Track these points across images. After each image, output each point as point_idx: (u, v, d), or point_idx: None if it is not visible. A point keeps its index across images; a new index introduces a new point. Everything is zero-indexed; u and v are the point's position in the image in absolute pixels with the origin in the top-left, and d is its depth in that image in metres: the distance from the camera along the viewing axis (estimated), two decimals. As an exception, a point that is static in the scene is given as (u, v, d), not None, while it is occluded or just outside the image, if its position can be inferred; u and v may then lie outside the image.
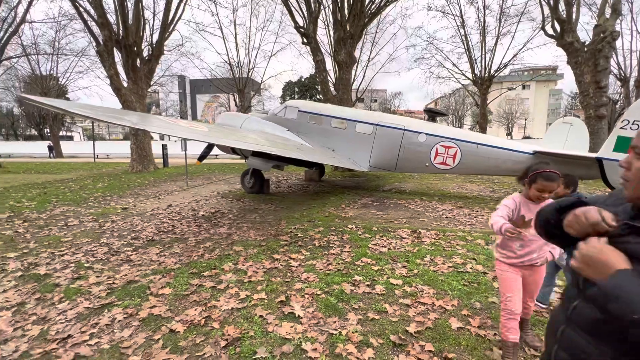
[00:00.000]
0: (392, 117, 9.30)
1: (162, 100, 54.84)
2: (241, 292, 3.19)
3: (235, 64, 24.55)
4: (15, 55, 22.06)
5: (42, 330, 2.60)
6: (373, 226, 5.58)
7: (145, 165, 15.03)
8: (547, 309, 2.87)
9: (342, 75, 14.03)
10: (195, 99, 65.64)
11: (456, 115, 56.56)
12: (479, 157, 7.70)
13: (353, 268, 3.79)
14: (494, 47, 21.11)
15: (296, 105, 9.55)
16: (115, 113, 4.38)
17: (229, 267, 3.80)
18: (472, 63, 21.52)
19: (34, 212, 6.65)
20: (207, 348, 2.36)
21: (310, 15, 13.98)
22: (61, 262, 4.03)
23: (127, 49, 14.20)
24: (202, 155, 9.56)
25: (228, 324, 2.65)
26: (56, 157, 29.01)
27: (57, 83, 30.33)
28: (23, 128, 53.68)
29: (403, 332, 2.55)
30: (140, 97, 15.04)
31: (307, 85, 47.02)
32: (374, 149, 8.58)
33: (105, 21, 13.55)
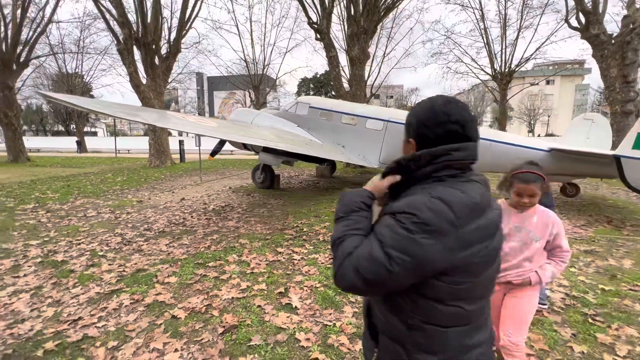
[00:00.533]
0: (403, 113, 9.18)
1: (180, 97, 56.16)
2: (242, 283, 3.29)
3: (250, 61, 24.84)
4: (44, 54, 23.09)
5: (56, 312, 2.78)
6: (379, 222, 5.57)
7: (163, 160, 15.49)
8: (548, 309, 2.81)
9: (355, 71, 13.94)
10: (212, 96, 66.88)
11: (474, 112, 55.17)
12: (492, 154, 7.49)
13: (354, 263, 3.82)
14: (515, 40, 20.38)
15: (307, 101, 9.59)
16: (126, 109, 4.56)
17: (233, 259, 3.91)
18: (491, 58, 20.86)
19: (57, 204, 7.02)
20: (205, 334, 2.46)
21: (323, 10, 13.94)
22: (77, 250, 4.26)
23: (146, 47, 14.62)
24: (215, 150, 9.77)
25: (227, 312, 2.75)
26: (82, 153, 30.30)
27: (82, 81, 31.64)
28: (51, 124, 56.31)
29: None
30: (159, 93, 15.48)
31: (322, 81, 46.96)
32: (384, 145, 8.51)
33: (126, 20, 13.99)
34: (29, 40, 17.59)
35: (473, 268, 0.85)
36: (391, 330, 0.94)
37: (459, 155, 0.89)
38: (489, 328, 1.00)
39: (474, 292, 0.89)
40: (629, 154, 5.27)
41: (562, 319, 2.68)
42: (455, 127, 0.91)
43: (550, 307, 2.85)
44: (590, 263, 3.85)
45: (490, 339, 1.00)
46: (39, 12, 18.32)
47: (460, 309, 0.87)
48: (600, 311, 2.78)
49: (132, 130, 70.43)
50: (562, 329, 2.54)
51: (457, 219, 0.80)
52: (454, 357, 0.89)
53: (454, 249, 0.81)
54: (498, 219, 0.95)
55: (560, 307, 2.85)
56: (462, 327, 0.89)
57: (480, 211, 0.86)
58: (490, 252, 0.89)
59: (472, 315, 0.90)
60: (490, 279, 0.94)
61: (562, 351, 2.28)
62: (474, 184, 0.90)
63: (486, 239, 0.87)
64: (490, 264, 0.91)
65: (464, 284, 0.85)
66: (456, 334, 0.89)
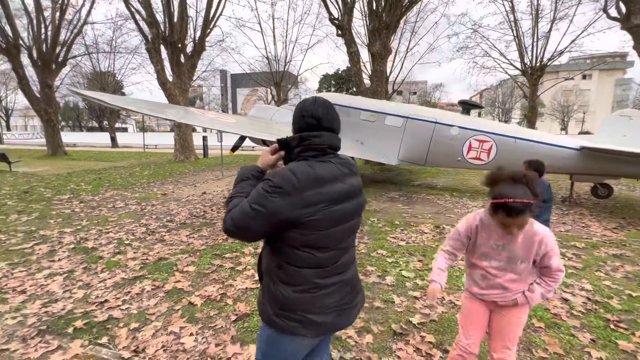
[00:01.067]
0: (424, 109, 9.00)
1: (205, 94, 57.69)
2: (256, 274, 3.38)
3: (272, 58, 25.10)
4: (79, 54, 24.44)
5: (85, 294, 3.00)
6: (396, 220, 5.53)
7: (187, 155, 16.06)
8: (567, 313, 2.71)
9: (376, 67, 13.77)
10: (235, 93, 68.16)
11: (502, 109, 52.85)
12: (517, 152, 7.20)
13: (367, 259, 3.83)
14: (548, 33, 19.30)
15: (325, 98, 9.61)
16: (150, 106, 4.78)
17: (249, 251, 4.03)
18: (521, 51, 19.87)
19: (89, 195, 7.48)
20: (219, 321, 2.58)
21: (345, 6, 13.85)
22: (106, 238, 4.55)
23: (173, 46, 15.15)
24: (235, 146, 10.00)
25: (240, 301, 2.86)
26: (113, 147, 31.93)
27: (114, 79, 33.26)
28: (86, 120, 59.56)
29: (406, 322, 2.57)
30: (184, 91, 16.02)
31: (343, 77, 46.66)
32: (403, 142, 8.40)
33: (154, 20, 14.55)
34: (67, 41, 18.70)
35: (315, 223, 1.14)
36: (268, 269, 1.27)
37: (316, 140, 1.20)
38: (351, 280, 1.32)
39: (322, 243, 1.19)
40: (668, 153, 4.92)
41: (581, 323, 2.57)
42: (312, 121, 1.22)
43: (569, 310, 2.75)
44: (618, 267, 3.65)
45: (352, 290, 1.32)
46: (76, 14, 19.42)
47: (311, 255, 1.18)
48: (624, 317, 2.65)
49: (159, 126, 73.16)
50: (581, 333, 2.44)
51: (299, 184, 1.11)
52: (305, 290, 1.21)
53: (295, 205, 1.11)
54: (350, 190, 1.25)
55: (581, 312, 2.73)
56: (313, 269, 1.20)
57: (322, 182, 1.16)
58: (333, 213, 1.18)
59: (323, 261, 1.21)
60: (339, 236, 1.23)
61: (579, 356, 2.20)
62: (327, 164, 1.21)
63: (327, 202, 1.16)
64: (336, 223, 1.20)
65: (310, 236, 1.15)
66: (308, 273, 1.20)
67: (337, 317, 1.25)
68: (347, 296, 1.29)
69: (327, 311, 1.23)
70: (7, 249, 4.12)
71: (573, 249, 4.23)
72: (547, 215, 2.95)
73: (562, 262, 1.54)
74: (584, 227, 5.33)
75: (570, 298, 2.94)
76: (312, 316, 1.20)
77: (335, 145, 1.25)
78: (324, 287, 1.22)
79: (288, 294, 1.20)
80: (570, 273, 3.49)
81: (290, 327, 1.20)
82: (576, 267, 3.66)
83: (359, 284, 1.40)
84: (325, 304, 1.22)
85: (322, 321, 1.22)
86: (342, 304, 1.27)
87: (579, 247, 4.32)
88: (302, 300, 1.20)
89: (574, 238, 4.69)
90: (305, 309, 1.20)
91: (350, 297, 1.30)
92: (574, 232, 5.04)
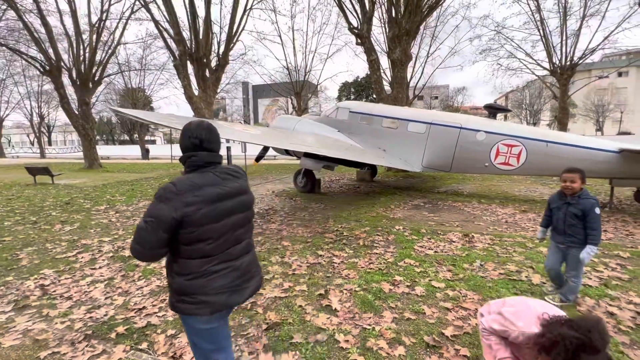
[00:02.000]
0: (448, 114, 8.86)
1: (227, 105, 59.54)
2: (285, 283, 3.44)
3: (293, 68, 25.62)
4: (113, 73, 26.07)
5: (125, 301, 3.16)
6: (422, 228, 5.43)
7: (212, 165, 16.58)
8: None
9: (396, 74, 13.71)
10: (257, 104, 69.90)
11: (530, 111, 50.77)
12: (548, 157, 6.91)
13: (394, 268, 3.79)
14: (578, 30, 18.48)
15: (347, 106, 9.67)
16: (179, 120, 5.02)
17: (276, 260, 4.09)
18: (549, 51, 19.13)
19: (124, 205, 7.89)
20: (250, 329, 2.63)
21: (364, 15, 13.96)
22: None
23: (198, 61, 15.84)
24: (259, 156, 10.25)
25: (270, 310, 2.90)
26: (144, 159, 33.55)
27: (144, 94, 35.14)
28: (118, 134, 63.06)
29: (438, 334, 2.51)
30: (209, 104, 16.64)
31: (362, 85, 46.73)
32: (427, 148, 8.27)
33: (181, 38, 15.32)
34: (102, 61, 20.03)
35: (197, 220, 1.41)
36: (167, 266, 1.55)
37: (194, 159, 1.52)
38: (242, 266, 1.60)
39: (206, 236, 1.45)
40: None
41: (630, 340, 2.41)
42: (195, 141, 1.53)
43: (616, 325, 2.58)
44: (669, 279, 3.39)
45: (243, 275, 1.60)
46: (110, 36, 20.82)
47: (198, 248, 1.45)
48: (680, 334, 2.46)
49: (185, 138, 76.02)
50: (631, 350, 2.29)
51: (178, 190, 1.40)
52: (196, 277, 1.47)
53: (177, 207, 1.38)
54: (230, 192, 1.54)
55: (630, 327, 2.56)
56: (200, 259, 1.46)
57: (199, 187, 1.44)
58: (211, 211, 1.46)
59: (209, 251, 1.48)
60: (221, 229, 1.50)
61: (630, 375, 2.06)
62: (206, 174, 1.51)
63: (204, 202, 1.43)
64: (216, 220, 1.48)
65: (195, 232, 1.42)
66: (197, 262, 1.46)
67: (228, 297, 1.53)
68: (238, 280, 1.57)
69: (217, 292, 1.49)
70: (53, 257, 4.42)
71: (617, 259, 3.97)
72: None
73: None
74: (628, 234, 4.99)
75: (617, 312, 2.76)
76: (203, 297, 1.47)
77: (213, 162, 1.56)
78: (213, 272, 1.49)
79: (182, 282, 1.47)
80: (615, 285, 3.28)
81: (189, 309, 1.48)
82: (622, 278, 3.43)
83: (254, 270, 1.69)
84: (215, 287, 1.49)
85: (213, 301, 1.48)
86: (233, 286, 1.54)
87: (623, 256, 4.06)
88: (194, 286, 1.47)
89: (617, 247, 4.40)
90: (197, 292, 1.47)
91: (241, 281, 1.59)
92: (617, 240, 4.73)
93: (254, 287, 1.67)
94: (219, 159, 1.58)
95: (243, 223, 1.62)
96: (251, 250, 1.70)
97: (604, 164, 6.51)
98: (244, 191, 1.65)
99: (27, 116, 38.71)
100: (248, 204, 1.67)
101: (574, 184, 2.76)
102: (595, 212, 2.67)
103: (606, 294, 3.09)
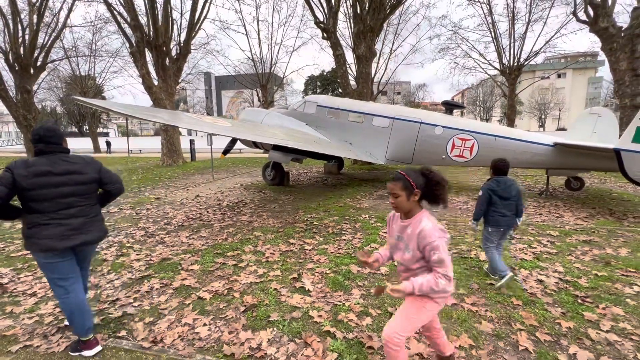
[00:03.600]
0: (409, 110, 9.37)
1: (189, 97, 56.92)
2: (259, 270, 3.59)
3: (258, 60, 25.16)
4: (58, 58, 23.83)
5: (96, 294, 3.13)
6: (385, 216, 5.82)
7: (175, 159, 15.96)
8: (542, 292, 3.04)
9: (361, 69, 14.11)
10: (220, 95, 67.49)
11: (483, 107, 54.45)
12: (496, 150, 7.65)
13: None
14: (524, 34, 20.22)
15: (315, 100, 9.85)
16: (150, 111, 4.90)
17: (249, 249, 4.22)
18: (499, 52, 20.75)
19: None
20: (229, 312, 2.77)
21: (330, 10, 14.14)
22: (106, 242, 4.64)
23: (157, 49, 15.05)
24: (227, 149, 10.12)
25: (247, 294, 3.06)
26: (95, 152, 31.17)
27: (95, 83, 32.46)
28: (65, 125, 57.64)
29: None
30: (170, 94, 15.92)
31: (328, 79, 47.05)
32: (390, 142, 8.73)
33: (138, 23, 14.43)
34: (45, 44, 18.23)
35: (30, 187, 2.05)
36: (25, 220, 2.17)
37: (36, 148, 2.17)
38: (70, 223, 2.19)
39: (37, 198, 2.09)
40: (629, 147, 5.40)
41: (553, 300, 2.91)
42: (36, 137, 2.17)
43: (544, 289, 3.08)
44: (587, 252, 4.04)
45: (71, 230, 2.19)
46: (54, 18, 18.97)
47: (33, 206, 2.11)
48: (590, 293, 3.00)
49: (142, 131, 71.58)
50: (553, 308, 2.77)
51: (14, 167, 2.05)
52: (33, 226, 2.12)
53: (17, 177, 2.02)
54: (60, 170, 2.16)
55: (553, 290, 3.07)
56: (35, 214, 2.11)
57: (30, 165, 2.07)
58: (38, 182, 2.08)
59: (41, 209, 2.11)
60: (49, 194, 2.12)
61: (551, 327, 2.52)
62: (40, 158, 2.15)
63: (34, 175, 2.07)
64: (42, 188, 2.09)
65: (29, 194, 2.07)
66: (33, 216, 2.12)
67: (56, 242, 2.13)
68: (66, 232, 2.17)
69: (47, 238, 2.11)
70: (7, 255, 4.16)
71: (548, 237, 4.62)
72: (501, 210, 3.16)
73: (447, 258, 1.58)
74: (558, 217, 5.76)
75: (545, 279, 3.29)
76: (36, 240, 2.12)
77: (46, 150, 2.17)
78: (44, 224, 2.12)
79: (26, 229, 2.14)
80: (545, 258, 3.86)
81: (31, 247, 2.15)
82: (550, 252, 4.03)
83: (84, 228, 2.26)
84: (45, 234, 2.11)
85: (44, 243, 2.11)
86: (60, 235, 2.14)
87: (553, 235, 4.72)
88: (32, 232, 2.12)
89: (549, 227, 5.09)
90: (34, 236, 2.12)
91: (69, 233, 2.18)
92: (550, 222, 5.46)
93: (81, 239, 2.24)
94: (55, 149, 2.20)
95: (73, 193, 2.21)
96: (87, 215, 2.29)
97: (541, 156, 7.38)
98: (75, 171, 2.23)
99: (-48, 104, 34.07)
100: (79, 181, 2.24)
101: None
102: (479, 194, 3.25)
103: (538, 265, 3.64)
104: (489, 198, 3.17)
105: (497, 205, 3.15)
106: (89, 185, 2.29)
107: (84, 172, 2.26)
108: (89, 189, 2.29)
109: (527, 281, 3.27)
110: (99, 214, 2.43)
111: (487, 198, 3.17)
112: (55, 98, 43.17)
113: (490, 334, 2.45)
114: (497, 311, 2.74)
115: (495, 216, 3.18)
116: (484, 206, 3.20)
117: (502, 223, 3.17)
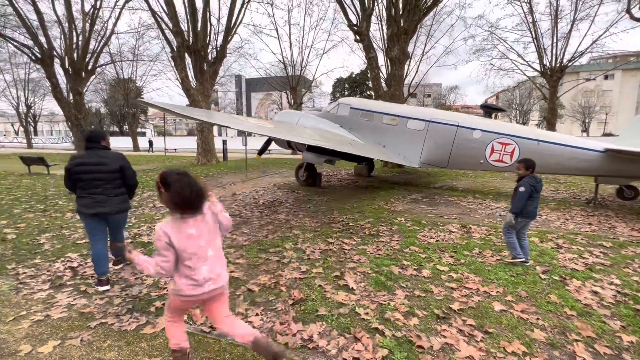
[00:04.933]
0: (446, 113, 9.20)
1: (220, 98, 58.94)
2: (302, 266, 3.71)
3: (288, 63, 25.64)
4: (106, 63, 25.63)
5: (154, 281, 3.38)
6: (422, 220, 5.77)
7: (209, 158, 16.65)
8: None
9: (394, 72, 14.00)
10: (250, 97, 69.32)
11: (520, 111, 51.89)
12: (540, 155, 7.31)
13: (401, 254, 4.10)
14: (568, 33, 19.10)
15: (348, 102, 9.92)
16: (203, 112, 5.21)
17: (290, 246, 4.36)
18: (540, 53, 19.73)
19: (129, 195, 7.99)
20: (278, 304, 2.90)
21: (363, 12, 14.16)
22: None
23: (196, 54, 15.80)
24: (262, 149, 10.42)
25: (293, 289, 3.18)
26: (135, 151, 33.12)
27: (136, 85, 34.55)
28: (107, 125, 61.70)
29: (447, 308, 2.83)
30: (206, 96, 16.64)
31: (357, 81, 46.95)
32: (425, 145, 8.62)
33: (179, 30, 15.23)
34: (96, 50, 19.71)
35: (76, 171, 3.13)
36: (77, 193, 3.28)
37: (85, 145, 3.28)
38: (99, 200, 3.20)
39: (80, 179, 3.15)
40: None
41: (611, 312, 2.78)
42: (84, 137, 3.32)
43: (600, 301, 2.95)
44: (646, 265, 3.80)
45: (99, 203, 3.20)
46: (103, 25, 20.47)
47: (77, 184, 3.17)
48: (653, 308, 2.83)
49: (176, 131, 75.01)
50: (611, 321, 2.65)
51: (69, 160, 3.19)
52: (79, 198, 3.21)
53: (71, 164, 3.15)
54: (96, 161, 3.18)
55: (611, 302, 2.93)
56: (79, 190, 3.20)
57: (74, 158, 3.20)
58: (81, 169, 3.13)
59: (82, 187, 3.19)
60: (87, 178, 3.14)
61: (610, 340, 2.42)
62: (87, 151, 3.23)
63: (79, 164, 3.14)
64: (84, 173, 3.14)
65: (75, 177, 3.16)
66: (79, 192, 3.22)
67: (85, 209, 3.12)
68: (92, 203, 3.13)
69: (82, 205, 3.14)
70: (74, 242, 4.58)
71: (600, 248, 4.38)
72: (535, 203, 3.66)
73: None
74: (610, 227, 5.43)
75: (600, 291, 3.14)
76: (79, 207, 3.16)
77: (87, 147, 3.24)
78: (84, 197, 3.14)
79: (77, 200, 3.18)
80: (599, 269, 3.67)
81: (80, 212, 3.18)
82: (604, 264, 3.83)
83: (105, 203, 3.19)
84: (81, 203, 3.14)
85: (80, 209, 3.16)
86: (88, 205, 3.12)
87: (605, 246, 4.47)
88: (77, 201, 3.17)
89: (600, 237, 4.82)
90: (78, 204, 3.17)
91: (94, 205, 3.14)
92: (600, 232, 5.16)
93: (104, 211, 3.18)
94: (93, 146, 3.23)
95: (100, 178, 3.15)
96: (108, 194, 3.20)
97: (590, 163, 6.97)
98: (102, 163, 3.18)
99: (14, 105, 37.61)
100: (104, 170, 3.16)
101: (518, 171, 3.75)
102: (519, 190, 3.59)
103: (591, 276, 3.48)
104: (531, 192, 3.57)
105: (533, 199, 3.61)
106: (112, 174, 3.21)
107: (109, 164, 3.20)
108: (111, 176, 3.21)
109: (581, 292, 3.14)
110: (120, 195, 3.30)
111: (530, 193, 3.57)
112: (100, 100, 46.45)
113: (544, 342, 2.40)
114: (550, 320, 2.67)
115: (528, 208, 3.62)
116: (526, 200, 3.59)
117: (532, 214, 3.68)
